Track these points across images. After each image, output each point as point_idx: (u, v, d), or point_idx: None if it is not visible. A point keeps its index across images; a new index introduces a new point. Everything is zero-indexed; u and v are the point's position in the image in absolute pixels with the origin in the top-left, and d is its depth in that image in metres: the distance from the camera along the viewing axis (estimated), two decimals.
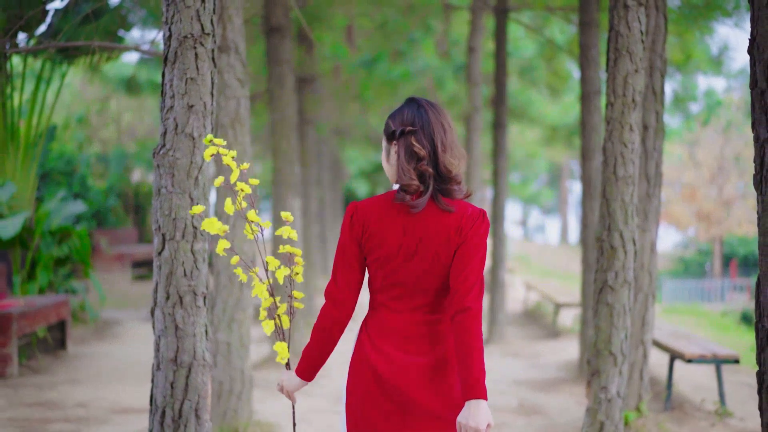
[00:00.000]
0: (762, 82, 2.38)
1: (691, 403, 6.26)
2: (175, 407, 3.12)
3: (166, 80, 3.14)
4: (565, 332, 10.18)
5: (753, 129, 2.42)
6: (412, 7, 10.11)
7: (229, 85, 4.95)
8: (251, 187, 2.65)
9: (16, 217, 8.35)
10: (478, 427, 2.29)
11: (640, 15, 4.02)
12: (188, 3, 3.09)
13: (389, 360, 2.44)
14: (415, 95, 2.60)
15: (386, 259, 2.45)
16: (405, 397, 2.42)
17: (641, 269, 5.49)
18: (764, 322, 2.43)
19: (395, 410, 2.43)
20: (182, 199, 3.11)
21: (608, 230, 4.13)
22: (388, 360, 2.44)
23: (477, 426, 2.29)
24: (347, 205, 2.62)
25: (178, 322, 3.12)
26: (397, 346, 2.45)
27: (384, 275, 2.47)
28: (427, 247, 2.44)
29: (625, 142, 4.07)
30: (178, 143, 3.11)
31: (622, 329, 4.15)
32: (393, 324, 2.48)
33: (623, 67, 4.04)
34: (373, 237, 2.44)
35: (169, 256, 3.11)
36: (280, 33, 7.45)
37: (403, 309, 2.48)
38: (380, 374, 2.44)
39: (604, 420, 4.14)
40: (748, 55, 2.44)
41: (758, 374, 2.47)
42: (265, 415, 5.68)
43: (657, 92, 5.40)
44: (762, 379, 2.45)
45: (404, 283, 2.46)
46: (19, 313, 7.01)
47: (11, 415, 5.82)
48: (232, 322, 5.06)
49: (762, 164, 2.39)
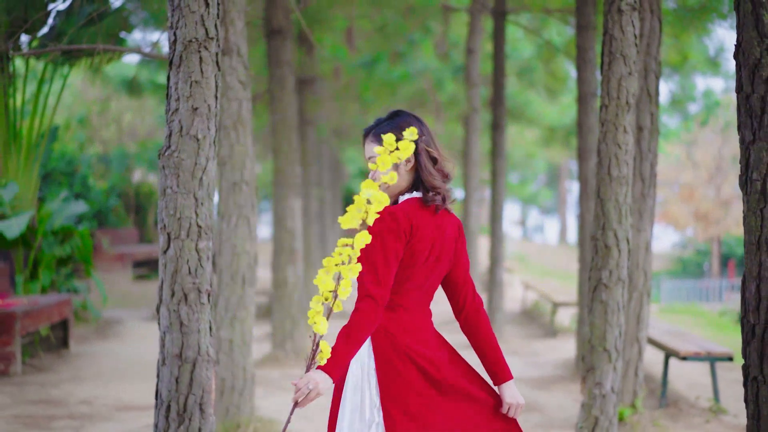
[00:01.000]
0: (747, 86, 2.48)
1: (686, 400, 6.35)
2: (179, 401, 3.20)
3: (171, 83, 3.22)
4: (563, 331, 10.27)
5: (739, 131, 2.51)
6: (412, 9, 10.20)
7: (232, 87, 5.04)
8: None
9: (21, 217, 8.43)
10: (522, 403, 2.58)
11: (634, 19, 4.11)
12: (193, 8, 3.18)
13: (429, 359, 2.54)
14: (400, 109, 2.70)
15: (423, 261, 2.55)
16: (456, 388, 2.56)
17: (636, 268, 5.58)
18: (750, 318, 2.52)
19: (454, 403, 2.56)
20: (187, 199, 3.19)
21: (603, 229, 4.22)
22: (427, 358, 2.54)
23: (522, 402, 2.58)
24: (392, 212, 2.63)
25: (182, 319, 3.20)
26: (426, 344, 2.57)
27: (411, 276, 2.55)
28: (446, 248, 2.60)
29: (619, 143, 4.16)
30: (183, 145, 3.19)
31: (616, 326, 4.24)
32: (415, 324, 2.58)
33: (617, 70, 4.13)
34: (419, 240, 2.53)
35: (174, 255, 3.19)
36: (280, 35, 7.54)
37: (418, 309, 2.61)
38: (431, 374, 2.53)
39: (598, 415, 4.23)
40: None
41: (743, 367, 2.56)
42: (267, 411, 5.77)
43: (652, 94, 5.50)
44: (747, 372, 2.55)
45: (423, 284, 2.59)
46: (23, 312, 7.09)
47: (16, 412, 5.90)
48: (234, 319, 5.15)
49: (747, 165, 2.49)
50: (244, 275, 5.16)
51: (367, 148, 2.62)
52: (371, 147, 2.59)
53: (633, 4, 4.11)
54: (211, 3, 3.20)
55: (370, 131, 2.64)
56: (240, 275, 5.15)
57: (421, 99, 12.58)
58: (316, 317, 2.47)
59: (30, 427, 5.52)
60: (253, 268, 5.21)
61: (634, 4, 4.11)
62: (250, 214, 5.18)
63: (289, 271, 8.03)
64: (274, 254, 8.12)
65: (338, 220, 2.57)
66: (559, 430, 5.55)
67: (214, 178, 3.28)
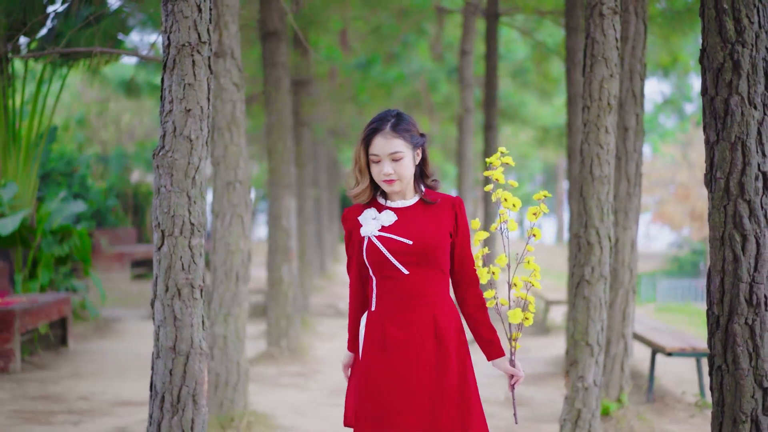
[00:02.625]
0: (711, 89, 2.61)
1: (673, 395, 6.48)
2: (173, 393, 3.32)
3: (165, 86, 3.35)
4: (554, 329, 10.40)
5: (704, 132, 2.64)
6: (406, 11, 10.33)
7: (226, 88, 5.16)
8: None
9: (16, 215, 8.55)
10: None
11: (615, 23, 4.23)
12: (186, 14, 3.30)
13: None
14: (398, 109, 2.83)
15: None
16: None
17: (622, 266, 5.72)
18: (714, 309, 2.65)
19: None
20: (180, 197, 3.31)
21: (585, 227, 4.35)
22: None
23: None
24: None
25: (176, 313, 3.32)
26: None
27: None
28: None
29: (601, 143, 4.28)
30: (177, 145, 3.31)
31: (599, 321, 4.37)
32: None
33: (599, 72, 4.25)
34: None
35: (168, 251, 3.32)
36: (275, 37, 7.66)
37: None
38: None
39: (581, 408, 4.36)
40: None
41: (709, 357, 2.69)
42: (260, 406, 5.89)
43: (637, 95, 5.62)
44: (712, 361, 2.68)
45: None
46: (22, 310, 7.21)
47: (16, 407, 6.02)
48: (228, 316, 5.27)
49: (712, 164, 2.62)
50: (238, 272, 5.28)
51: (391, 143, 2.68)
52: (395, 142, 2.68)
53: (614, 8, 4.23)
54: (203, 8, 3.33)
55: (389, 126, 2.70)
56: (234, 272, 5.27)
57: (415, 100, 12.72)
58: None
59: (30, 422, 5.64)
60: (247, 265, 5.33)
61: (615, 8, 4.23)
62: (244, 213, 5.30)
63: (284, 270, 8.15)
64: (269, 253, 8.24)
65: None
66: (546, 424, 5.68)
67: (206, 177, 3.40)
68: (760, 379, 2.59)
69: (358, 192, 2.77)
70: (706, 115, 2.64)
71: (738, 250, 2.60)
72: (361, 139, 2.73)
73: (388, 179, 2.70)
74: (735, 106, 2.57)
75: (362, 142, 2.72)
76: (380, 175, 2.70)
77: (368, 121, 2.77)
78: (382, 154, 2.68)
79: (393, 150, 2.67)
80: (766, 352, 2.59)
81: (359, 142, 2.74)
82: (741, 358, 2.60)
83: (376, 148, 2.68)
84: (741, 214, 2.59)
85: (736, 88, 2.56)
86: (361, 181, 2.75)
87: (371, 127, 2.71)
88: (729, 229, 2.60)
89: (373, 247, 2.70)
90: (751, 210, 2.58)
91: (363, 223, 2.75)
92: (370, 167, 2.73)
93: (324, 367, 7.86)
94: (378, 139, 2.69)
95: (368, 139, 2.71)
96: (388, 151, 2.67)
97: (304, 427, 5.57)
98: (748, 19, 2.54)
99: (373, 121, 2.74)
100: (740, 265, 2.59)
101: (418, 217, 2.74)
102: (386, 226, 2.72)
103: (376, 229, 2.72)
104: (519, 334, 2.72)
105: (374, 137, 2.70)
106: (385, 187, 2.74)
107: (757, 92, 2.56)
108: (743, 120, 2.56)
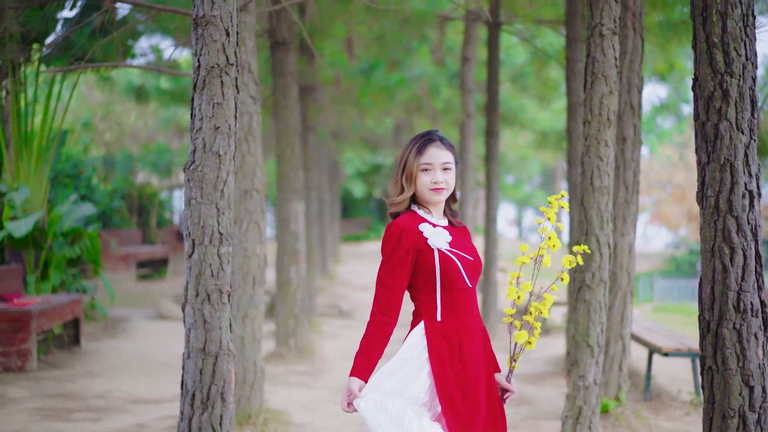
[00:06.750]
0: (703, 115, 2.86)
1: (669, 393, 6.73)
2: (203, 391, 3.57)
3: (195, 104, 3.59)
4: (554, 329, 10.65)
5: (696, 154, 2.90)
6: (409, 19, 10.56)
7: (243, 101, 5.40)
8: None
9: (29, 218, 8.78)
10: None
11: (614, 43, 4.48)
12: (215, 38, 3.54)
13: None
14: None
15: None
16: None
17: (620, 270, 5.97)
18: (705, 315, 2.91)
19: None
20: (209, 209, 3.55)
21: (586, 235, 4.60)
22: None
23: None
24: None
25: (206, 317, 3.56)
26: None
27: None
28: None
29: (601, 156, 4.54)
30: (206, 160, 3.55)
31: (599, 323, 4.63)
32: None
33: (599, 89, 4.50)
34: None
35: (198, 259, 3.56)
36: (284, 47, 7.90)
37: None
38: None
39: (582, 405, 4.61)
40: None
41: (700, 359, 2.94)
42: (272, 404, 6.14)
43: (635, 107, 5.88)
44: (704, 362, 2.93)
45: None
46: (38, 310, 7.44)
47: (36, 405, 6.26)
48: (245, 317, 5.51)
49: (703, 183, 2.88)
50: (255, 276, 5.53)
51: (443, 154, 2.82)
52: (446, 154, 2.83)
53: (614, 29, 4.48)
54: (231, 32, 3.57)
55: (440, 140, 2.86)
56: (251, 276, 5.51)
57: (417, 104, 12.97)
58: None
59: (51, 419, 5.88)
60: (263, 269, 5.57)
61: (614, 28, 4.48)
62: (260, 220, 5.55)
63: (292, 272, 8.39)
64: (278, 255, 8.47)
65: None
66: (547, 421, 5.94)
67: (233, 190, 3.64)
68: (747, 379, 2.85)
69: (401, 200, 2.83)
70: (698, 138, 2.89)
71: (727, 261, 2.86)
72: (416, 148, 2.81)
73: (437, 187, 2.79)
74: (724, 130, 2.82)
75: (416, 151, 2.81)
76: (430, 183, 2.79)
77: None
78: (436, 162, 2.80)
79: (445, 160, 2.81)
80: (752, 354, 2.85)
81: (411, 152, 2.81)
82: (729, 360, 2.86)
83: (429, 157, 2.79)
84: (729, 229, 2.84)
85: (725, 114, 2.82)
86: (407, 189, 2.81)
87: (424, 138, 2.85)
88: (719, 242, 2.86)
89: (447, 259, 2.77)
90: (738, 225, 2.84)
91: (428, 236, 2.79)
92: (416, 176, 2.82)
93: (330, 365, 8.12)
94: (432, 149, 2.80)
95: (422, 148, 2.81)
96: (440, 160, 2.81)
97: (315, 423, 5.82)
98: (736, 52, 2.79)
99: (422, 135, 2.87)
100: (729, 275, 2.85)
101: (459, 237, 2.89)
102: (450, 241, 2.82)
103: (446, 242, 2.81)
104: (520, 355, 2.85)
105: (428, 146, 2.81)
106: (431, 196, 2.80)
107: (744, 118, 2.82)
108: (731, 143, 2.82)
